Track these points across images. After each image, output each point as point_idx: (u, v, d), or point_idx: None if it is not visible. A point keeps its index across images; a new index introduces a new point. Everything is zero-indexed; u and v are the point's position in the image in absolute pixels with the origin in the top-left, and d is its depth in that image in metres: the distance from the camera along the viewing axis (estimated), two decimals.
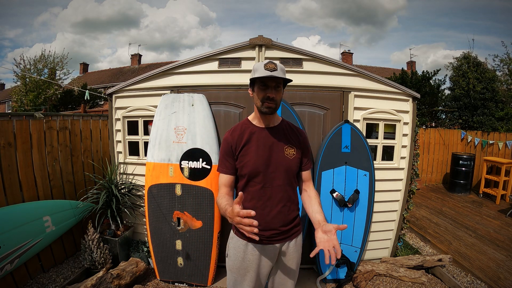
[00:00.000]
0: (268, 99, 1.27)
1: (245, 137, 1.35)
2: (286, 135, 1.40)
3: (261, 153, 1.33)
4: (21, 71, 12.34)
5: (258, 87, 1.29)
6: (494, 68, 8.96)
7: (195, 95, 2.52)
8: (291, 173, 1.38)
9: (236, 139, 1.35)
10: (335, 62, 2.65)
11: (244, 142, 1.34)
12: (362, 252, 2.65)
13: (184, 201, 2.46)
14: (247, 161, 1.32)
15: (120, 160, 2.97)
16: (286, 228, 1.38)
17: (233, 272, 1.40)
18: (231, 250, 1.40)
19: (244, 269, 1.36)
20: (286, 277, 1.46)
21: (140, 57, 20.21)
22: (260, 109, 1.32)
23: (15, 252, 2.17)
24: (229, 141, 1.36)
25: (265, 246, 1.36)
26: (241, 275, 1.38)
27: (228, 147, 1.36)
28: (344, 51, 18.29)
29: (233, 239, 1.40)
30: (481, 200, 5.45)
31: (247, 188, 1.35)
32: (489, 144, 6.25)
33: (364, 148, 2.56)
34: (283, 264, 1.44)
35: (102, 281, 2.22)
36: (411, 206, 2.92)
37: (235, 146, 1.35)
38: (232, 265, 1.39)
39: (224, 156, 1.37)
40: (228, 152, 1.36)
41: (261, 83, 1.27)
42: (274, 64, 1.23)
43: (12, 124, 2.41)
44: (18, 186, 2.44)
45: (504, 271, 2.80)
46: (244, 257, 1.35)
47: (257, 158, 1.32)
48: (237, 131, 1.38)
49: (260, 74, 1.22)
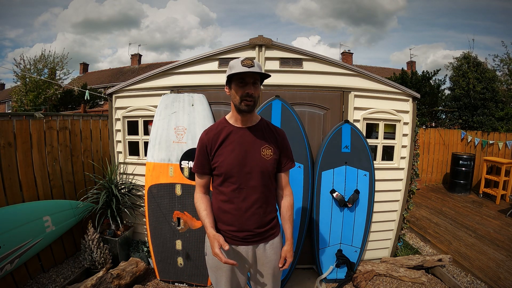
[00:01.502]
0: (247, 95, 1.24)
1: (221, 137, 1.33)
2: (263, 135, 1.37)
3: (237, 153, 1.31)
4: (21, 71, 12.33)
5: (236, 84, 1.25)
6: (494, 68, 8.96)
7: (195, 95, 2.52)
8: (267, 174, 1.35)
9: (211, 139, 1.33)
10: (335, 62, 2.65)
11: (219, 142, 1.32)
12: (362, 252, 2.65)
13: (184, 201, 2.46)
14: (222, 161, 1.31)
15: (120, 160, 2.97)
16: (261, 230, 1.36)
17: (212, 270, 1.43)
18: (207, 248, 1.40)
19: (220, 268, 1.38)
20: (266, 281, 1.44)
21: (140, 57, 20.21)
22: (239, 107, 1.28)
23: (15, 252, 2.17)
24: (204, 141, 1.35)
25: (237, 247, 1.36)
26: (218, 274, 1.39)
27: (203, 147, 1.34)
28: (344, 51, 18.29)
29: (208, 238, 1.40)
30: (481, 200, 5.45)
31: (222, 188, 1.35)
32: (489, 144, 6.25)
33: (364, 148, 2.56)
34: (261, 267, 1.42)
35: (102, 281, 2.22)
36: (411, 206, 2.92)
37: (210, 146, 1.33)
38: (211, 264, 1.40)
39: (198, 156, 1.37)
40: (203, 152, 1.35)
41: (239, 80, 1.24)
42: (251, 60, 1.21)
43: (12, 124, 2.41)
44: (18, 186, 2.44)
45: (504, 271, 2.80)
46: None
47: (231, 158, 1.30)
48: (213, 131, 1.36)
49: (237, 70, 1.19)
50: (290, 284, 2.57)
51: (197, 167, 1.38)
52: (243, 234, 1.34)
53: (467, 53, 8.31)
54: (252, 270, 1.44)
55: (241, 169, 1.31)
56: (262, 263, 1.41)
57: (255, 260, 1.41)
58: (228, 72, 1.25)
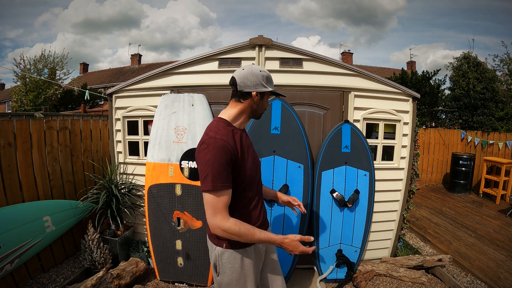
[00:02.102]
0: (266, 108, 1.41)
1: (239, 141, 1.27)
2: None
3: (254, 155, 1.39)
4: (21, 71, 12.33)
5: (267, 98, 1.37)
6: (494, 68, 8.97)
7: (195, 95, 2.52)
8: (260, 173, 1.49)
9: (233, 146, 1.20)
10: (335, 62, 2.65)
11: (240, 147, 1.25)
12: (362, 252, 2.65)
13: (184, 201, 2.46)
14: (248, 166, 1.28)
15: (120, 160, 2.97)
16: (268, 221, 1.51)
17: (231, 285, 1.33)
18: (225, 265, 1.30)
19: (244, 276, 1.33)
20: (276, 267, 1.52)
21: (140, 57, 20.22)
22: (258, 116, 1.39)
23: (15, 252, 2.17)
24: (228, 149, 1.17)
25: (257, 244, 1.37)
26: (242, 283, 1.33)
27: (230, 156, 1.17)
28: (344, 51, 18.29)
29: (225, 253, 1.30)
30: (481, 200, 5.45)
31: (247, 193, 1.31)
32: (489, 144, 6.25)
33: (364, 148, 2.56)
34: (268, 256, 1.49)
35: (102, 281, 2.22)
36: (411, 206, 2.92)
37: (235, 154, 1.20)
38: (230, 280, 1.32)
39: (226, 168, 1.16)
40: (229, 163, 1.17)
41: (269, 95, 1.38)
42: None
43: (12, 124, 2.41)
44: (18, 186, 2.44)
45: (504, 271, 2.80)
46: (242, 265, 1.32)
47: (251, 162, 1.33)
48: (229, 136, 1.22)
49: (272, 88, 1.33)
50: (290, 284, 2.57)
51: (226, 180, 1.16)
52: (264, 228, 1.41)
53: (467, 53, 8.31)
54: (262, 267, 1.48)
55: (257, 169, 1.39)
56: (268, 251, 1.49)
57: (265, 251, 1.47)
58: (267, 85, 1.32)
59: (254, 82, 1.28)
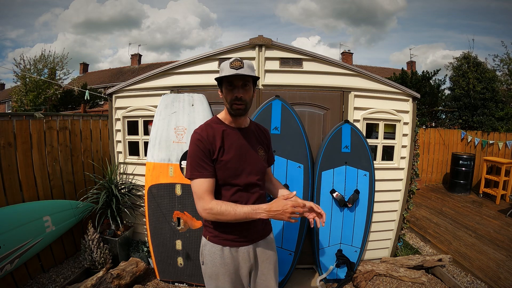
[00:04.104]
0: (236, 99, 1.21)
1: (220, 137, 1.27)
2: (256, 137, 1.41)
3: (238, 154, 1.29)
4: (21, 71, 12.33)
5: (225, 88, 1.23)
6: (494, 68, 8.97)
7: (195, 95, 2.51)
8: (263, 173, 1.39)
9: (211, 139, 1.24)
10: (335, 62, 2.65)
11: (220, 143, 1.26)
12: (362, 252, 2.65)
13: (184, 201, 2.46)
14: (224, 164, 1.25)
15: (120, 160, 2.97)
16: (261, 227, 1.40)
17: (212, 278, 1.35)
18: (206, 257, 1.34)
19: (223, 274, 1.33)
20: (269, 277, 1.44)
21: (140, 57, 20.20)
22: (230, 111, 1.27)
23: (15, 252, 2.17)
24: (204, 141, 1.23)
25: (238, 249, 1.33)
26: (221, 280, 1.33)
27: (205, 148, 1.23)
28: (344, 51, 18.28)
29: (207, 245, 1.34)
30: (481, 200, 5.45)
31: (223, 192, 1.30)
32: (489, 144, 6.26)
33: (364, 148, 2.56)
34: (262, 265, 1.42)
35: (102, 281, 2.22)
36: (411, 206, 2.92)
37: (212, 147, 1.24)
38: (211, 272, 1.34)
39: (201, 158, 1.22)
40: (206, 154, 1.23)
41: (228, 83, 1.21)
42: (240, 62, 1.18)
43: (12, 124, 2.41)
44: (18, 186, 2.44)
45: (504, 271, 2.80)
46: (222, 262, 1.32)
47: (234, 160, 1.28)
48: (210, 131, 1.26)
49: (225, 73, 1.17)
50: (290, 284, 2.57)
51: (202, 169, 1.22)
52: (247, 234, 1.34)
53: (467, 53, 8.31)
54: (253, 269, 1.43)
55: (242, 170, 1.30)
56: (262, 260, 1.41)
57: (256, 258, 1.40)
58: (221, 72, 1.22)
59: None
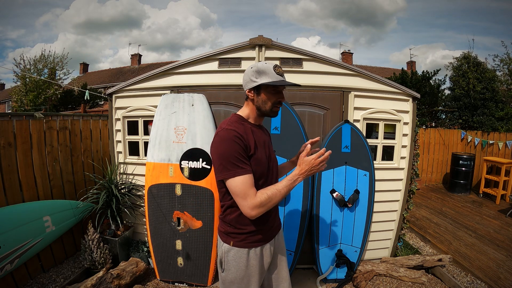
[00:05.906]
0: (279, 103, 1.30)
1: (251, 133, 1.28)
2: (268, 134, 1.49)
3: (266, 152, 1.34)
4: (21, 71, 12.33)
5: (268, 92, 1.27)
6: (494, 68, 8.96)
7: (195, 95, 2.51)
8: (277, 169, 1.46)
9: (246, 138, 1.24)
10: (335, 62, 2.65)
11: (253, 139, 1.27)
12: (362, 252, 2.65)
13: (184, 201, 2.46)
14: (259, 159, 1.27)
15: (120, 160, 2.97)
16: (278, 222, 1.49)
17: (234, 283, 1.34)
18: (231, 262, 1.32)
19: (248, 276, 1.33)
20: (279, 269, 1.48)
21: (140, 57, 20.19)
22: (268, 113, 1.31)
23: (15, 252, 2.17)
24: (242, 138, 1.21)
25: (264, 246, 1.36)
26: (246, 283, 1.34)
27: (244, 144, 1.21)
28: (344, 51, 18.26)
29: (231, 251, 1.32)
30: (481, 200, 5.45)
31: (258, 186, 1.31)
32: (489, 144, 6.26)
33: (364, 148, 2.56)
34: (276, 256, 1.47)
35: (102, 281, 2.22)
36: (411, 206, 2.92)
37: (249, 143, 1.24)
38: (235, 277, 1.32)
39: (241, 154, 1.19)
40: (245, 150, 1.22)
41: (273, 88, 1.27)
42: (281, 68, 1.25)
43: (12, 124, 2.41)
44: (18, 186, 2.44)
45: (504, 271, 2.80)
46: (247, 264, 1.32)
47: (264, 158, 1.31)
48: (242, 128, 1.27)
49: (272, 79, 1.22)
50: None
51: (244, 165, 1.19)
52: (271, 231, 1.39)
53: (467, 53, 8.31)
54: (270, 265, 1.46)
55: (269, 167, 1.34)
56: (276, 253, 1.46)
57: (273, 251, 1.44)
58: (260, 78, 1.23)
59: (246, 80, 1.30)
